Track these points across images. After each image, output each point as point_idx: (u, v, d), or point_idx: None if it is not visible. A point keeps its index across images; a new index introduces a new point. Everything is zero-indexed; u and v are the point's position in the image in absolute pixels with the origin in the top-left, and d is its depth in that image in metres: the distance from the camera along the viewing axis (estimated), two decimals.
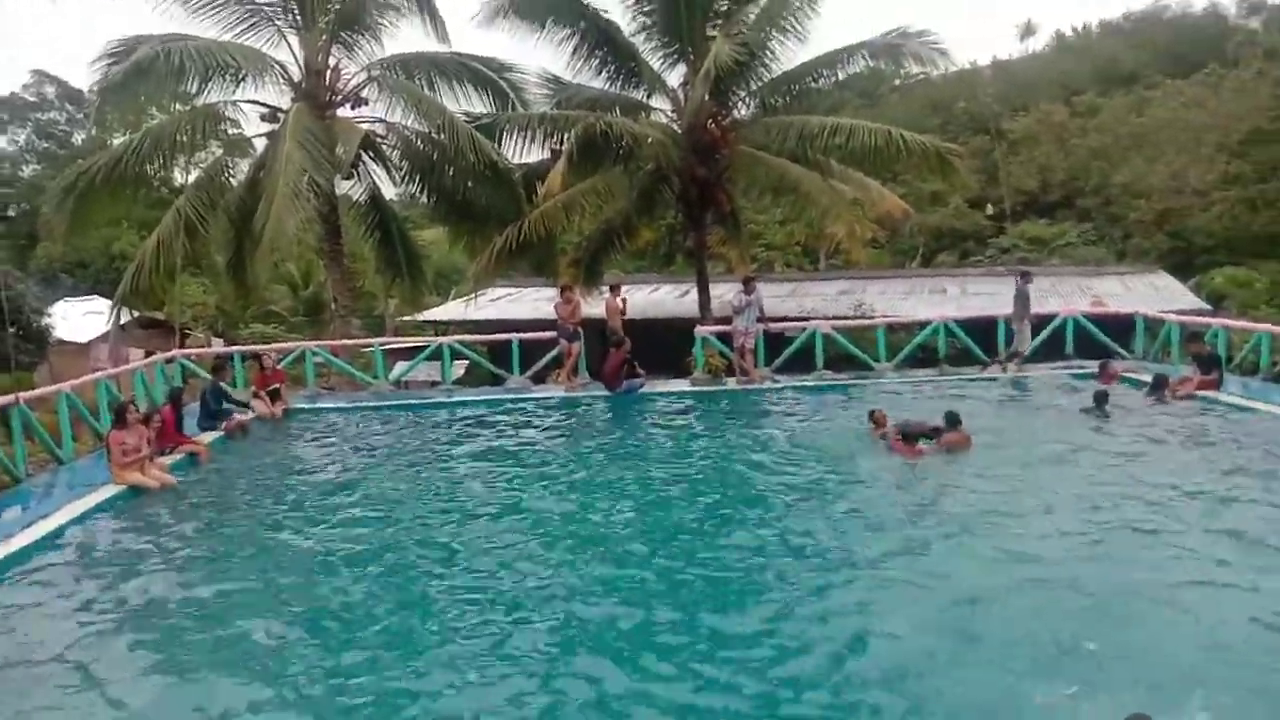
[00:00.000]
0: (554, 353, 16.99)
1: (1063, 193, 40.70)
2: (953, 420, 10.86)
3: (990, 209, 38.19)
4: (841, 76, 21.26)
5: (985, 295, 24.43)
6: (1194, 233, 33.77)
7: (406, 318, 30.07)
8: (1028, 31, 57.00)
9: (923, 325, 17.72)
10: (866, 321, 19.67)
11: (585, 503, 9.52)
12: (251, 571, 7.79)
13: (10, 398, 11.81)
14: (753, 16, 20.06)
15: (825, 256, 36.28)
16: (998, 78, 49.88)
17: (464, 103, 20.56)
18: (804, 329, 17.33)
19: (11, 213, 45.31)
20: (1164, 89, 40.54)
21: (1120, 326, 17.25)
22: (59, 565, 8.16)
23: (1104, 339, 16.69)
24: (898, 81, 46.00)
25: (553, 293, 18.91)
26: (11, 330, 19.82)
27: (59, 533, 8.98)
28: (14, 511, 9.91)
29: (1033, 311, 16.52)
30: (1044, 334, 16.78)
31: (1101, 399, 12.27)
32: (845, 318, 20.27)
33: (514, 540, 8.26)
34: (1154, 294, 23.65)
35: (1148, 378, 13.69)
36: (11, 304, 19.31)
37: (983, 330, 17.27)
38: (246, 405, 14.73)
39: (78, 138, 48.08)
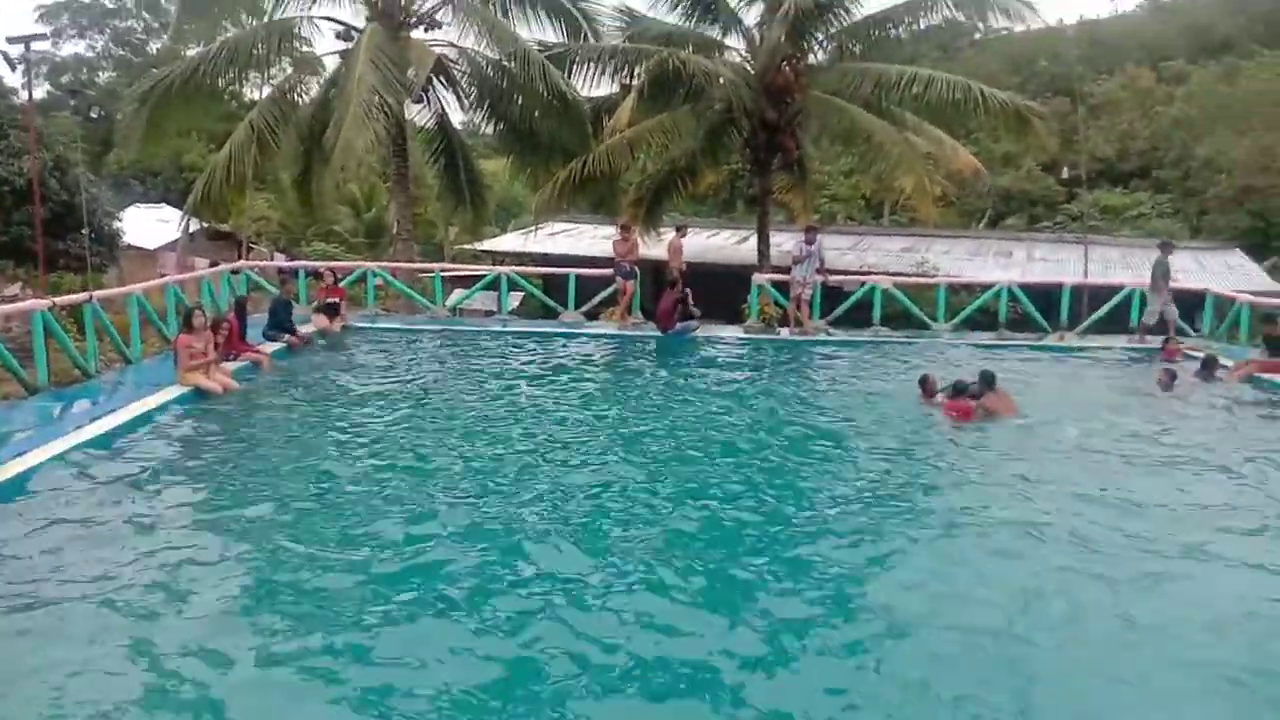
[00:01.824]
0: (609, 290, 17.04)
1: (1140, 162, 39.48)
2: (988, 380, 10.58)
3: (1065, 173, 37.16)
4: (922, 25, 20.67)
5: (1052, 262, 24.00)
6: (1276, 212, 32.56)
7: (465, 246, 30.32)
8: None
9: (985, 288, 17.44)
10: (928, 280, 19.40)
11: (614, 436, 9.55)
12: (297, 474, 8.07)
13: (84, 295, 12.20)
14: None
15: (889, 211, 35.71)
16: (1083, 38, 48.14)
17: (537, 31, 20.52)
18: (863, 283, 17.17)
19: (94, 115, 46.20)
20: (1259, 59, 38.81)
21: (1189, 303, 16.82)
22: (124, 456, 8.44)
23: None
24: (977, 35, 44.58)
25: (610, 230, 18.92)
26: (85, 232, 20.28)
27: (125, 427, 9.27)
28: (84, 404, 10.29)
29: (1097, 281, 16.17)
30: (1108, 306, 16.46)
31: (1171, 377, 12.05)
32: (906, 274, 20.00)
33: (526, 461, 8.47)
34: (1227, 272, 23.00)
35: None
36: (86, 206, 19.74)
37: (1045, 297, 16.96)
38: (307, 320, 15.09)
39: (153, 46, 48.66)
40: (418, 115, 21.15)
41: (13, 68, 14.36)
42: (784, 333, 16.15)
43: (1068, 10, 71.87)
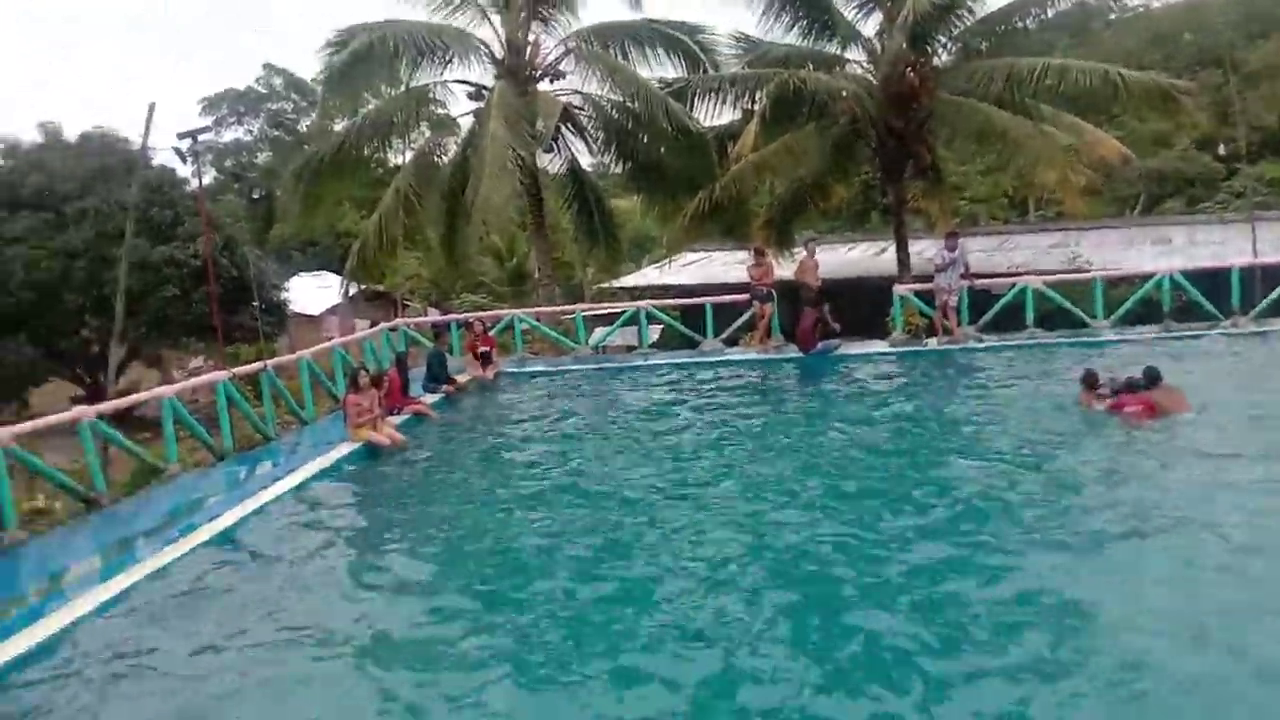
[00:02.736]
0: (747, 315, 17.05)
1: None
2: (1153, 376, 10.02)
3: (1222, 149, 34.85)
4: (1050, 14, 19.96)
5: (1215, 245, 22.52)
6: None
7: (603, 285, 30.95)
8: None
9: (1145, 278, 16.53)
10: (1082, 275, 18.55)
11: (771, 466, 9.46)
12: (469, 523, 8.37)
13: (260, 365, 13.16)
14: None
15: (1035, 208, 34.36)
16: (1232, 4, 45.16)
17: (656, 68, 20.92)
18: (1013, 284, 16.58)
19: (255, 195, 49.81)
20: None
21: None
22: (307, 512, 9.04)
23: None
24: (1112, 16, 42.51)
25: (743, 256, 18.95)
26: (255, 304, 21.82)
27: (308, 484, 9.94)
28: (267, 466, 11.09)
29: (1269, 260, 15.06)
30: None
31: None
32: (1058, 271, 19.16)
33: (691, 500, 8.45)
34: None
35: None
36: (255, 280, 21.28)
37: (1212, 281, 15.93)
38: (461, 370, 15.82)
39: (303, 124, 52.06)
40: (549, 163, 21.91)
41: (184, 160, 15.78)
42: (931, 343, 15.74)
43: None
